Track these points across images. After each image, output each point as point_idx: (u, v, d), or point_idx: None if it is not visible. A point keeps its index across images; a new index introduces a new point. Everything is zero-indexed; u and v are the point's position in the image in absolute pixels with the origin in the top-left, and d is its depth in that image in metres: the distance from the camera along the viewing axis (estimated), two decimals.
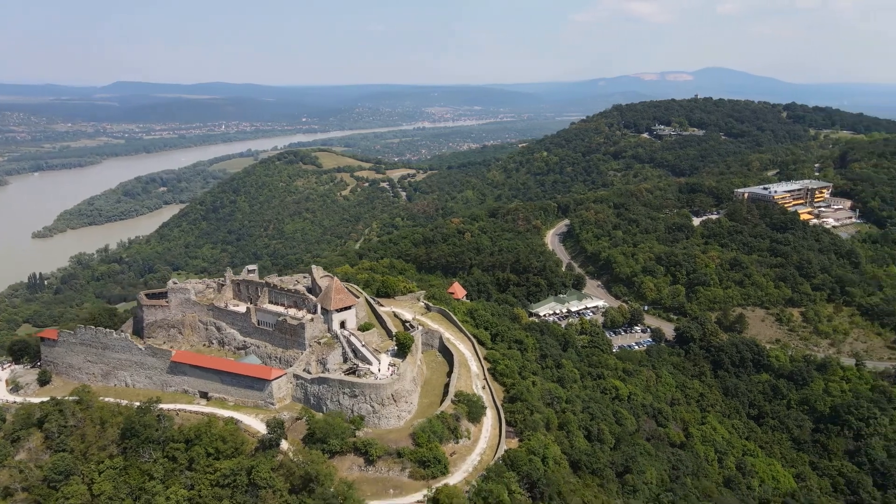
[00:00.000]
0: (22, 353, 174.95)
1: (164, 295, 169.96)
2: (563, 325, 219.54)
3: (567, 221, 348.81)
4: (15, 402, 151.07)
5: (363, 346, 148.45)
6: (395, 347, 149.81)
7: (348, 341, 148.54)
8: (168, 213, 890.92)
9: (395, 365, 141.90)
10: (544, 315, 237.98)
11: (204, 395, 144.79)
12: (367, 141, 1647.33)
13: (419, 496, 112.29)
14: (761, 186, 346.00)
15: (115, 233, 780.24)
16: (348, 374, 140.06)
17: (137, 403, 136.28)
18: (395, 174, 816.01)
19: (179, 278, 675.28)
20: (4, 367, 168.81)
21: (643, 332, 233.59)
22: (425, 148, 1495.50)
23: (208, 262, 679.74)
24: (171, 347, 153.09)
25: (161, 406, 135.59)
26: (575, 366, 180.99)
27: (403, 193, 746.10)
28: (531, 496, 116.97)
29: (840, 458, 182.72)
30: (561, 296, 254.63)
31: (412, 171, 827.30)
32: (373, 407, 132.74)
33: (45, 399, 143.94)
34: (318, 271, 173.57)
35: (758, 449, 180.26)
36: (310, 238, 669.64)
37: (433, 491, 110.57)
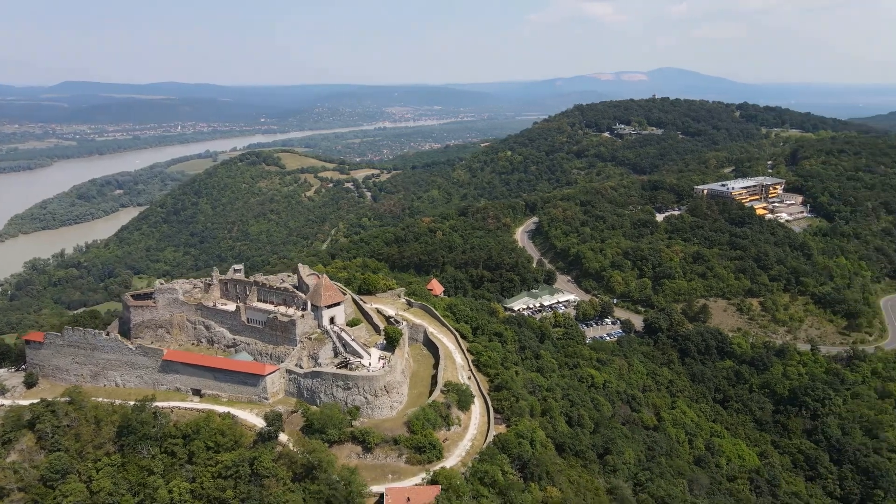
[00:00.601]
0: (3, 357, 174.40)
1: (149, 296, 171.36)
2: (537, 319, 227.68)
3: (535, 219, 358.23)
4: (2, 405, 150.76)
5: (353, 340, 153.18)
6: (384, 341, 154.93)
7: (339, 336, 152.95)
8: (126, 216, 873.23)
9: (385, 358, 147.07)
10: (518, 309, 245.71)
11: (197, 393, 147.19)
12: (327, 141, 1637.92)
13: (417, 479, 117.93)
14: (719, 183, 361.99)
15: (70, 237, 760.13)
16: (340, 368, 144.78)
17: (132, 402, 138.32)
18: (360, 174, 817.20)
19: (141, 282, 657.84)
20: None
21: (613, 323, 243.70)
22: (387, 148, 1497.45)
23: (171, 266, 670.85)
24: (160, 347, 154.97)
25: (156, 404, 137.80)
26: (552, 356, 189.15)
27: (368, 193, 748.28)
28: (522, 476, 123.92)
29: (799, 437, 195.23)
30: (533, 291, 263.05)
31: (376, 172, 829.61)
32: (366, 398, 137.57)
33: (35, 401, 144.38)
34: (304, 269, 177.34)
35: (724, 430, 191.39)
36: (275, 239, 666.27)
37: (431, 473, 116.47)
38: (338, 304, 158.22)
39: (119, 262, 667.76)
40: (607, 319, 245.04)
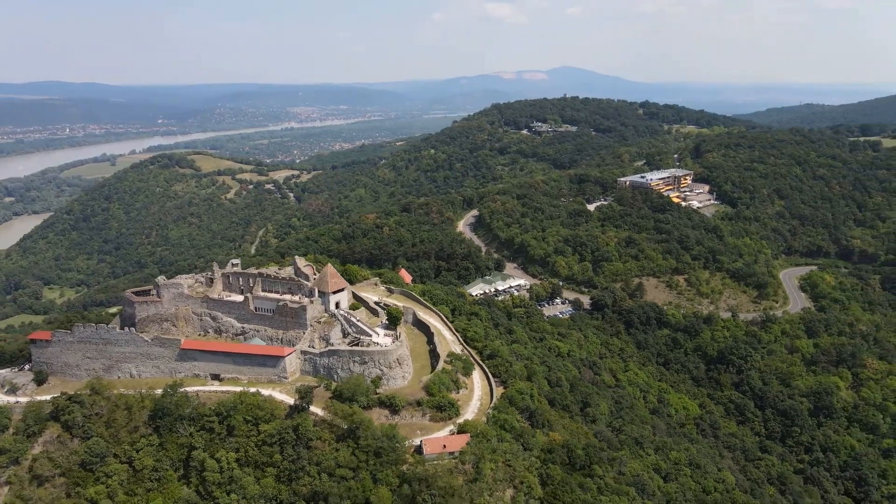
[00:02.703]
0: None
1: (146, 293, 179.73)
2: (499, 301, 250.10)
3: (475, 212, 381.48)
4: (17, 402, 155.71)
5: (358, 321, 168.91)
6: (386, 321, 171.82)
7: (346, 319, 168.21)
8: (20, 224, 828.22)
9: (390, 335, 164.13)
10: (476, 295, 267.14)
11: (216, 377, 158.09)
12: (234, 143, 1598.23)
13: (445, 432, 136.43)
14: (639, 175, 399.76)
15: None
16: (351, 346, 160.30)
17: (158, 390, 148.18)
18: (279, 175, 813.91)
19: (52, 293, 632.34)
20: None
21: (563, 303, 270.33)
22: (297, 149, 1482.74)
23: (86, 274, 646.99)
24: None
25: (182, 389, 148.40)
26: (523, 331, 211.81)
27: (291, 194, 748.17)
28: (530, 424, 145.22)
29: (729, 389, 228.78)
30: (487, 277, 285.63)
31: (296, 172, 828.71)
32: (381, 371, 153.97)
33: (48, 397, 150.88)
34: (301, 261, 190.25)
35: (669, 387, 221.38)
36: (199, 243, 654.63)
37: (457, 425, 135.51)
38: (342, 289, 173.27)
39: (25, 272, 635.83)
40: (557, 300, 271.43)
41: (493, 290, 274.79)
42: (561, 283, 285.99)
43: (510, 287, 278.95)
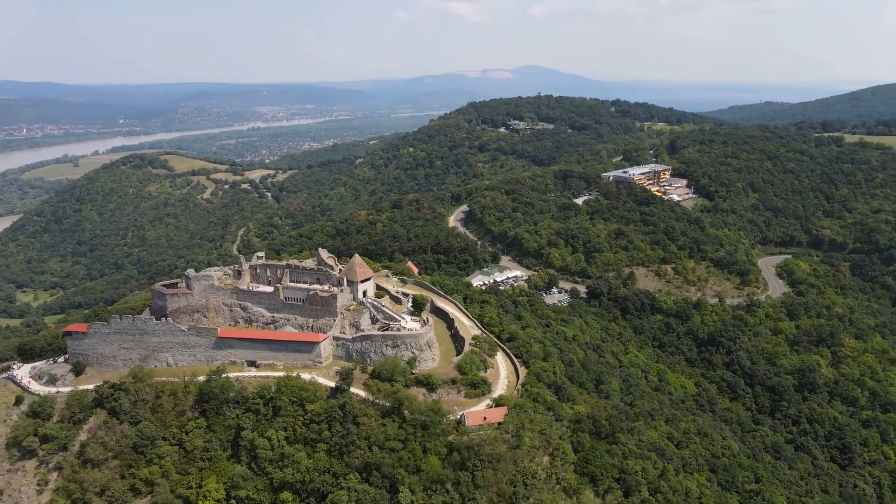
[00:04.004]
0: (28, 353, 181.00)
1: (174, 286, 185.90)
2: (505, 290, 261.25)
3: (465, 207, 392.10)
4: (59, 392, 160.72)
5: (385, 308, 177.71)
6: (410, 308, 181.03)
7: (374, 306, 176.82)
8: None
9: (417, 320, 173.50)
10: (477, 286, 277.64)
11: (252, 364, 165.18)
12: (200, 143, 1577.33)
13: (482, 406, 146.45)
14: (621, 171, 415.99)
15: None
16: (381, 331, 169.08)
17: (200, 377, 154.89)
18: (255, 175, 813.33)
19: (26, 296, 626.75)
20: (17, 367, 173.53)
21: (560, 292, 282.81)
22: (265, 148, 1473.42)
23: (60, 277, 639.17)
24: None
25: (224, 374, 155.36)
26: (531, 317, 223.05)
27: (269, 194, 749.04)
28: (557, 398, 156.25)
29: (720, 369, 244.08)
30: (485, 269, 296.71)
31: (272, 172, 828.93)
32: (413, 353, 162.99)
33: (89, 386, 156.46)
34: (323, 252, 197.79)
35: (666, 368, 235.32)
36: (177, 243, 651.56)
37: (493, 400, 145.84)
38: (369, 278, 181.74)
39: None
40: (554, 289, 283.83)
41: (491, 281, 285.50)
42: (556, 274, 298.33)
43: (508, 278, 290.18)
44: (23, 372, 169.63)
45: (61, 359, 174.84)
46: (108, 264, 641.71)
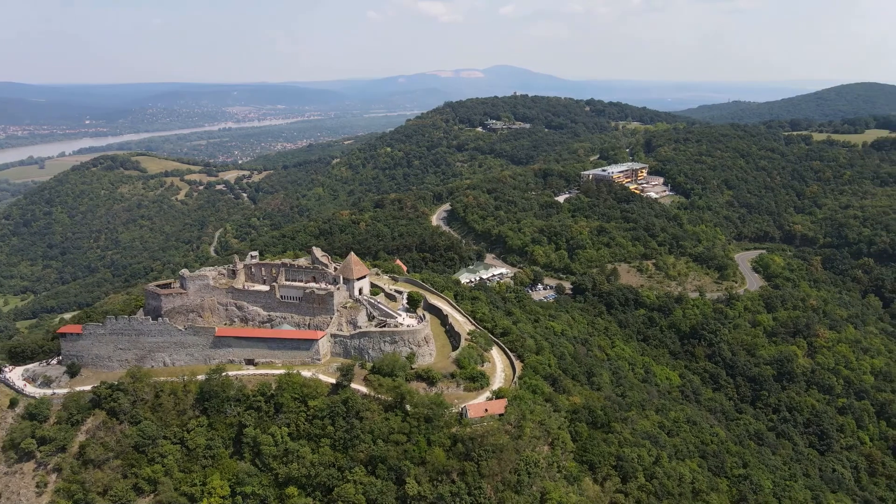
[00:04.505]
0: (18, 356, 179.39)
1: (167, 286, 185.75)
2: (493, 286, 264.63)
3: (447, 206, 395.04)
4: (54, 394, 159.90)
5: (381, 305, 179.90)
6: (405, 305, 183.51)
7: (370, 303, 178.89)
8: None
9: (413, 317, 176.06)
10: (464, 283, 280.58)
11: (250, 362, 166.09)
12: (170, 144, 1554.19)
13: (481, 399, 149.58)
14: (600, 169, 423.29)
15: None
16: (378, 327, 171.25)
17: (199, 377, 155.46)
18: (229, 176, 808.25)
19: None
20: (8, 370, 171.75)
21: (545, 288, 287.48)
22: (238, 149, 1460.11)
23: (31, 281, 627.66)
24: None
25: (224, 373, 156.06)
26: (521, 313, 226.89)
27: (245, 194, 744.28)
28: (553, 389, 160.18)
29: (703, 360, 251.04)
30: (471, 267, 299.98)
31: (247, 172, 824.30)
32: (411, 349, 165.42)
33: (95, 385, 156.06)
34: (317, 251, 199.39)
35: (651, 360, 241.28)
36: (152, 246, 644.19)
37: (492, 393, 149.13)
38: (364, 276, 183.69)
39: None
40: (540, 286, 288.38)
41: (477, 278, 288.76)
42: (541, 271, 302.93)
43: (494, 275, 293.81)
44: (14, 375, 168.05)
45: (54, 360, 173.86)
46: (81, 267, 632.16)
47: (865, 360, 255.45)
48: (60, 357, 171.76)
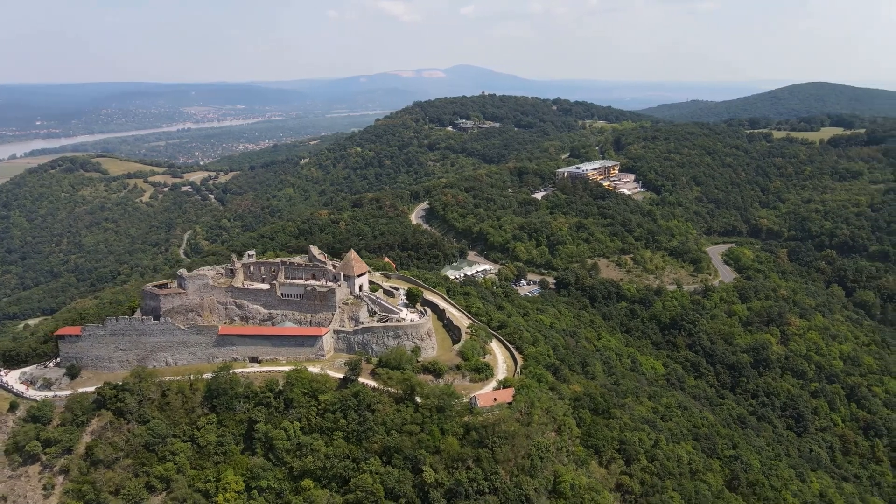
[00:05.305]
0: (13, 360, 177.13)
1: (164, 286, 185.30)
2: (481, 282, 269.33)
3: (424, 205, 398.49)
4: (56, 396, 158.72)
5: (381, 301, 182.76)
6: (405, 300, 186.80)
7: (371, 299, 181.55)
8: None
9: (414, 311, 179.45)
10: (451, 279, 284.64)
11: (254, 360, 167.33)
12: (127, 145, 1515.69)
13: (488, 389, 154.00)
14: (574, 167, 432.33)
15: None
16: (381, 322, 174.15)
17: (205, 375, 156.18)
18: (195, 177, 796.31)
19: None
20: (3, 373, 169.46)
21: (528, 284, 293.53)
22: (198, 150, 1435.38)
23: None
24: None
25: (231, 371, 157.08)
26: (511, 307, 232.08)
27: (212, 196, 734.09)
28: (556, 378, 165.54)
29: (684, 350, 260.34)
30: (454, 264, 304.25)
31: (213, 173, 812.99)
32: (415, 343, 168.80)
33: (98, 386, 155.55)
34: (314, 249, 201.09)
35: (635, 351, 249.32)
36: (118, 249, 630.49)
37: (498, 382, 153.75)
38: (364, 273, 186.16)
39: None
40: (523, 281, 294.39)
41: (462, 275, 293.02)
42: (524, 266, 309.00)
43: (478, 272, 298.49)
44: (11, 378, 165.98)
45: (51, 363, 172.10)
46: (43, 272, 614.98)
47: (834, 346, 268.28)
48: (58, 359, 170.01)
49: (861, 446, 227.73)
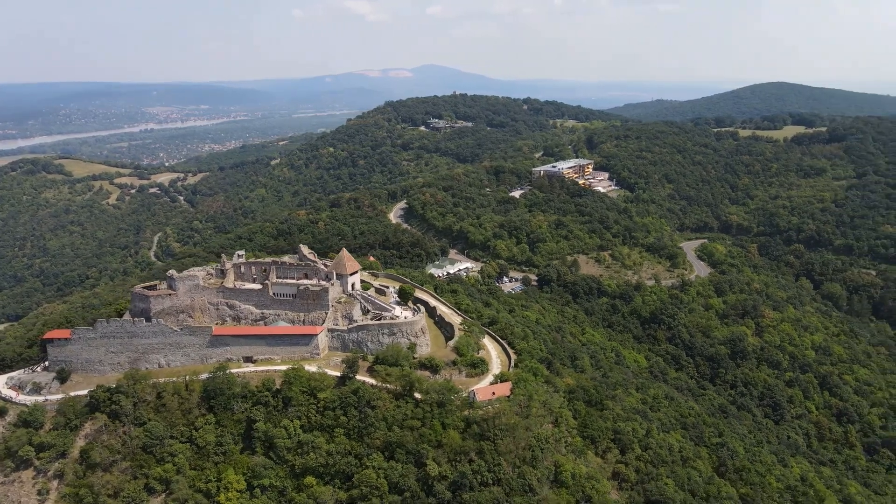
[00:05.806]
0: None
1: (153, 287, 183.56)
2: (466, 279, 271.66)
3: (402, 204, 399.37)
4: (46, 401, 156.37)
5: (374, 299, 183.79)
6: (397, 298, 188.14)
7: (364, 297, 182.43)
8: None
9: (407, 309, 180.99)
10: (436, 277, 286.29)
11: (249, 360, 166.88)
12: (88, 146, 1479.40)
13: (485, 383, 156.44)
14: (550, 165, 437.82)
15: None
16: (374, 320, 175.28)
17: (201, 375, 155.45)
18: (163, 178, 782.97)
19: None
20: None
21: (510, 281, 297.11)
22: (163, 151, 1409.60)
23: None
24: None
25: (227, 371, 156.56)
26: (498, 304, 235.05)
27: (181, 197, 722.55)
28: (549, 371, 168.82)
29: (664, 343, 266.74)
30: (437, 262, 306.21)
31: (181, 175, 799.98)
32: (409, 340, 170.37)
33: (91, 389, 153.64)
34: (305, 248, 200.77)
35: (618, 345, 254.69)
36: (84, 252, 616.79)
37: (495, 377, 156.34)
38: (356, 271, 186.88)
39: None
40: (506, 278, 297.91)
41: (445, 273, 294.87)
42: (506, 264, 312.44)
43: (460, 270, 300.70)
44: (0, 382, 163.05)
45: (39, 367, 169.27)
46: (6, 277, 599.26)
47: (806, 337, 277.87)
48: (46, 363, 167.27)
49: (835, 432, 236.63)
